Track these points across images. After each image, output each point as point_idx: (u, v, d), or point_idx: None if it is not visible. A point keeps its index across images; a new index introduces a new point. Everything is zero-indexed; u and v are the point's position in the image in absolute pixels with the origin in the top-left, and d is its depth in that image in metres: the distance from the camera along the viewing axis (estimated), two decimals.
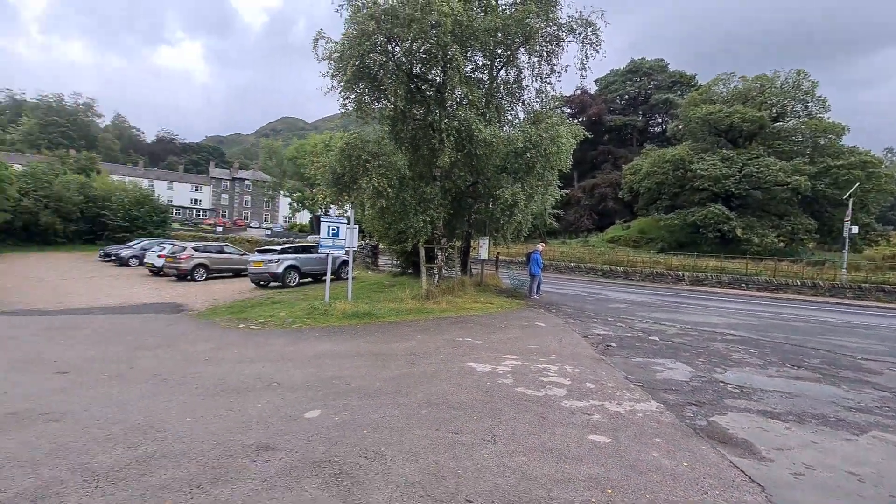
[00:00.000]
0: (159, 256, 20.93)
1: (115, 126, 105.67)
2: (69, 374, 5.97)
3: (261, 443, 3.83)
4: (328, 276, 12.13)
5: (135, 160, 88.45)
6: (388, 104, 12.64)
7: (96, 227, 35.87)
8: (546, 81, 13.55)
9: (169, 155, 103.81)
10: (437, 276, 13.51)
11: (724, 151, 37.26)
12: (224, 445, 3.78)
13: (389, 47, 11.37)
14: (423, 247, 12.83)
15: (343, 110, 12.34)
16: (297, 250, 18.43)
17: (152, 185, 65.89)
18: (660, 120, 59.85)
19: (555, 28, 12.67)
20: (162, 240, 28.51)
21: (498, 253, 19.90)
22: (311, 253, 18.17)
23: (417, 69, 12.53)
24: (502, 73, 14.06)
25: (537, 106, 14.14)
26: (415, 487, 3.17)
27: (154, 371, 6.15)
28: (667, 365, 6.87)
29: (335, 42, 11.14)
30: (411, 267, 18.82)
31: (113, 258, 26.23)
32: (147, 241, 27.28)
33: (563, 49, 12.95)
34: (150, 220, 36.79)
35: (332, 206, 13.05)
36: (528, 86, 14.03)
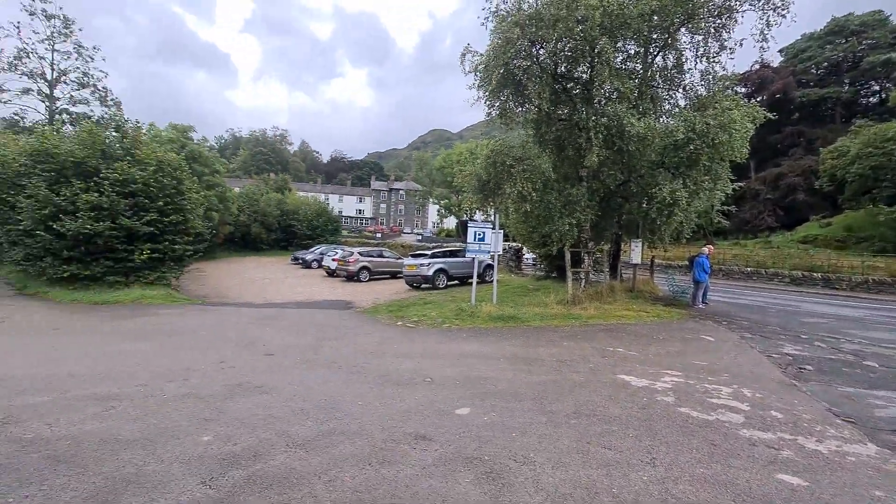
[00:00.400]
0: (333, 260, 24.42)
1: (301, 151, 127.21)
2: (273, 357, 7.38)
3: (419, 433, 4.18)
4: (474, 279, 12.59)
5: (314, 178, 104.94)
6: (532, 107, 12.59)
7: (288, 235, 43.64)
8: (714, 61, 11.91)
9: (339, 172, 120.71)
10: (583, 281, 12.91)
11: None
12: (388, 431, 4.23)
13: (533, 51, 11.32)
14: (568, 250, 12.40)
15: (488, 118, 12.69)
16: (445, 254, 19.58)
17: (327, 199, 77.26)
18: (876, 88, 47.11)
19: None
20: (335, 246, 33.28)
21: (653, 256, 18.09)
22: (457, 257, 19.12)
23: (562, 68, 12.21)
24: (658, 59, 12.78)
25: (702, 90, 12.48)
26: (566, 500, 3.09)
27: (333, 359, 7.20)
28: (893, 400, 5.36)
29: (480, 54, 11.54)
30: (556, 271, 18.37)
31: (300, 261, 31.57)
32: (324, 247, 32.14)
33: (735, 21, 11.21)
34: (326, 228, 43.36)
35: (477, 211, 13.53)
36: (690, 69, 12.51)
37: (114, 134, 18.00)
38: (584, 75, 12.28)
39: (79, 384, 5.66)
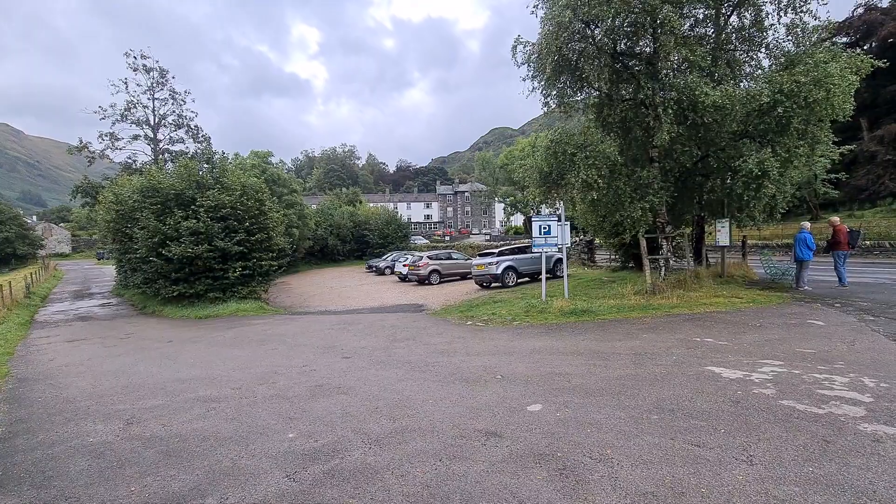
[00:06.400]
0: (404, 266, 25.13)
1: (369, 164, 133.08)
2: (350, 359, 7.75)
3: (489, 429, 4.14)
4: (543, 275, 12.26)
5: (382, 189, 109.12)
6: (592, 91, 12.02)
7: (362, 245, 45.70)
8: (802, 10, 10.53)
9: (406, 180, 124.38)
10: (663, 269, 12.02)
11: None
12: (459, 427, 4.24)
13: (588, 31, 10.80)
14: (643, 237, 11.62)
15: (545, 108, 12.33)
16: (513, 251, 19.32)
17: (396, 207, 79.89)
18: None
19: None
20: (405, 252, 34.26)
21: (745, 237, 16.38)
22: (526, 253, 18.77)
23: (622, 45, 11.49)
24: (733, 19, 11.59)
25: (790, 46, 11.09)
26: (647, 498, 2.87)
27: (405, 359, 7.39)
28: None
29: (532, 44, 11.25)
30: (632, 260, 17.33)
31: (374, 269, 32.91)
32: (396, 254, 33.21)
33: None
34: (396, 236, 44.77)
35: (542, 205, 13.15)
36: (773, 24, 11.16)
37: (205, 166, 20.13)
38: (647, 49, 11.47)
39: (187, 388, 6.36)
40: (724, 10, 11.52)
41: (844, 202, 34.03)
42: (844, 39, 39.20)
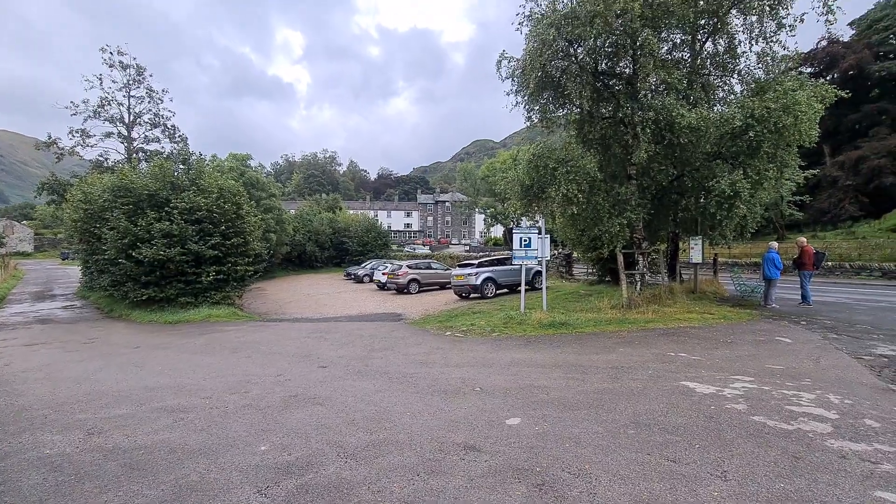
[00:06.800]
0: (383, 274, 24.92)
1: (350, 170, 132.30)
2: (327, 368, 7.58)
3: (468, 443, 4.10)
4: (523, 287, 12.34)
5: (363, 196, 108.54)
6: (574, 108, 12.27)
7: (341, 252, 45.18)
8: (772, 41, 11.07)
9: (387, 188, 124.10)
10: (639, 284, 12.27)
11: None
12: (437, 441, 4.18)
13: (571, 50, 11.07)
14: (620, 252, 11.86)
15: (528, 122, 12.53)
16: (492, 263, 19.41)
17: (376, 215, 79.29)
18: None
19: None
20: (385, 260, 34.01)
21: (716, 255, 16.91)
22: (505, 265, 18.88)
23: (603, 65, 11.82)
24: (708, 45, 12.10)
25: (760, 73, 11.63)
26: None
27: (383, 370, 7.28)
28: None
29: (517, 59, 11.46)
30: (609, 274, 17.65)
31: (352, 277, 32.53)
32: (375, 262, 32.94)
33: None
34: (376, 244, 44.45)
35: (522, 217, 13.30)
36: (745, 52, 11.71)
37: (181, 167, 19.61)
38: (627, 70, 11.83)
39: (154, 397, 6.10)
40: (699, 36, 12.01)
41: (808, 223, 35.59)
42: (809, 69, 41.39)
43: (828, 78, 40.00)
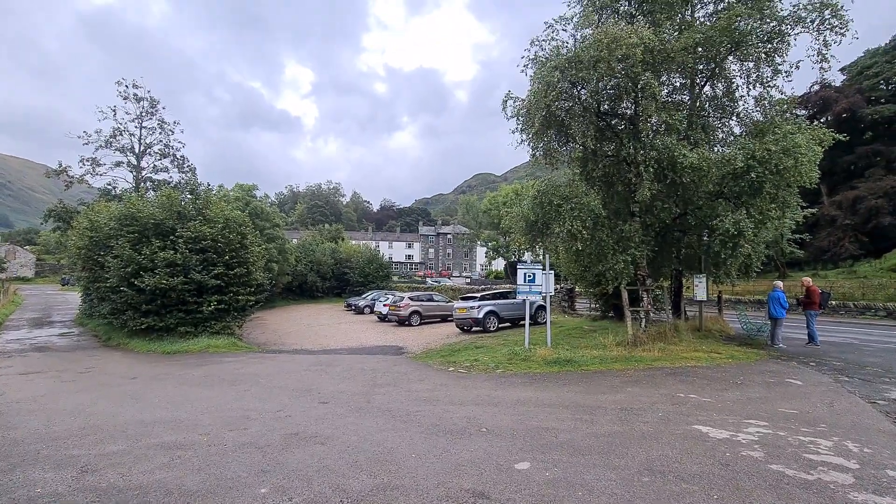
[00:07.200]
0: (385, 305, 24.74)
1: (353, 201, 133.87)
2: (328, 404, 7.41)
3: (476, 489, 3.94)
4: (527, 322, 12.23)
5: (365, 227, 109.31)
6: (577, 146, 12.53)
7: (342, 283, 45.00)
8: (769, 85, 11.43)
9: (389, 220, 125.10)
10: (643, 321, 12.16)
11: None
12: (444, 486, 4.02)
13: (575, 91, 11.42)
14: (625, 289, 11.81)
15: (533, 159, 12.76)
16: (495, 297, 19.30)
17: (378, 246, 79.60)
18: None
19: (774, 24, 10.75)
20: (386, 291, 33.85)
21: (720, 292, 16.84)
22: (508, 299, 18.77)
23: (605, 106, 12.17)
24: (707, 88, 12.50)
25: (758, 116, 11.95)
26: None
27: (386, 407, 7.11)
28: None
29: (522, 99, 11.80)
30: (612, 310, 17.52)
31: (353, 307, 32.28)
32: (376, 293, 32.75)
33: (788, 45, 10.81)
34: (377, 275, 44.33)
35: (526, 252, 13.33)
36: (742, 96, 12.09)
37: (188, 196, 19.85)
38: (629, 111, 12.17)
39: (150, 432, 5.93)
40: (698, 80, 12.42)
41: (809, 262, 35.64)
42: (803, 112, 42.52)
43: (822, 120, 41.14)
